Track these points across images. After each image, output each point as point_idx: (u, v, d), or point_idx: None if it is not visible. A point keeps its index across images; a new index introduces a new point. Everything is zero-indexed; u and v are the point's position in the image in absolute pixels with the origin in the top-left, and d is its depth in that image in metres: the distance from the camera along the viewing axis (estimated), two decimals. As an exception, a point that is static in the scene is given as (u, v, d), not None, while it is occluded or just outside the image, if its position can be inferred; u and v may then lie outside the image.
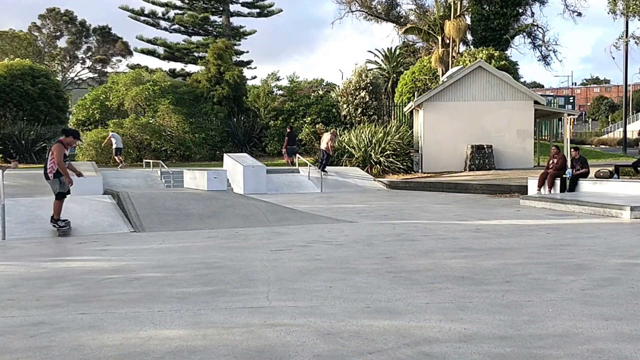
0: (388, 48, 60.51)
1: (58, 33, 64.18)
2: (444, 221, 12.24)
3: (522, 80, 43.24)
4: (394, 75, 54.19)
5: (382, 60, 61.62)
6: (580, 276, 6.52)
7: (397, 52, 57.59)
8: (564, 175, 17.00)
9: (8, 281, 6.79)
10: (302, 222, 12.08)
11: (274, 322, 4.90)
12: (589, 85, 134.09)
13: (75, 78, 66.91)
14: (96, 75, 65.70)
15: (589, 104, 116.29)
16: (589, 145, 54.54)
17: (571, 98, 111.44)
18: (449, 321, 4.84)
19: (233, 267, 7.45)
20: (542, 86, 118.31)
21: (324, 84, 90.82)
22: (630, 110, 65.70)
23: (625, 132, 41.35)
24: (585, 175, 16.93)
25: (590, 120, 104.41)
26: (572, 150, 17.71)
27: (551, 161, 17.55)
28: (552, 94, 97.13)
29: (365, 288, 6.11)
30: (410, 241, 9.45)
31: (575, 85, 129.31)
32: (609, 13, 24.81)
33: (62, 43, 65.21)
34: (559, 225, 11.36)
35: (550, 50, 45.66)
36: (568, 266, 7.12)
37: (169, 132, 34.85)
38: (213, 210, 12.33)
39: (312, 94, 40.26)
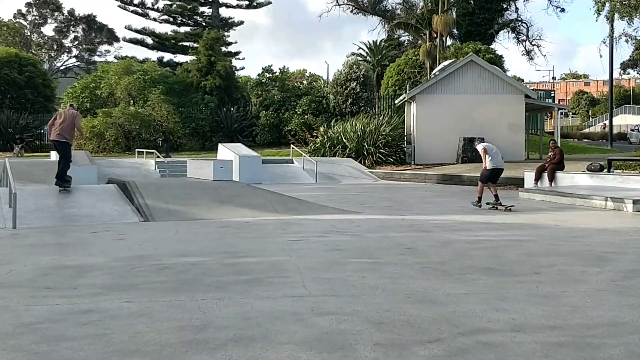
0: (373, 41, 60.65)
1: (42, 20, 63.32)
2: (450, 213, 12.37)
3: (507, 74, 43.56)
4: (379, 68, 54.31)
5: (367, 53, 61.70)
6: (604, 268, 6.66)
7: (382, 45, 57.71)
8: None
9: (37, 270, 6.76)
10: (310, 212, 12.12)
11: (322, 311, 4.96)
12: (568, 80, 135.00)
13: (62, 67, 66.12)
14: (83, 64, 64.96)
15: (568, 98, 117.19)
16: (573, 140, 55.07)
17: (552, 92, 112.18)
18: (494, 311, 4.93)
19: (258, 257, 7.50)
20: (523, 80, 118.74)
21: (307, 74, 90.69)
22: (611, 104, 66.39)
23: (611, 126, 42.02)
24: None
25: (571, 114, 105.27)
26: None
27: (549, 154, 17.80)
28: (533, 88, 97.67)
29: (397, 278, 6.19)
30: (425, 232, 9.55)
31: (555, 79, 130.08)
32: (594, 14, 24.96)
33: (49, 31, 64.48)
34: (565, 217, 11.53)
35: (534, 45, 46.18)
36: (589, 258, 7.27)
37: (158, 122, 34.64)
38: (220, 200, 12.34)
39: (302, 85, 40.20)
